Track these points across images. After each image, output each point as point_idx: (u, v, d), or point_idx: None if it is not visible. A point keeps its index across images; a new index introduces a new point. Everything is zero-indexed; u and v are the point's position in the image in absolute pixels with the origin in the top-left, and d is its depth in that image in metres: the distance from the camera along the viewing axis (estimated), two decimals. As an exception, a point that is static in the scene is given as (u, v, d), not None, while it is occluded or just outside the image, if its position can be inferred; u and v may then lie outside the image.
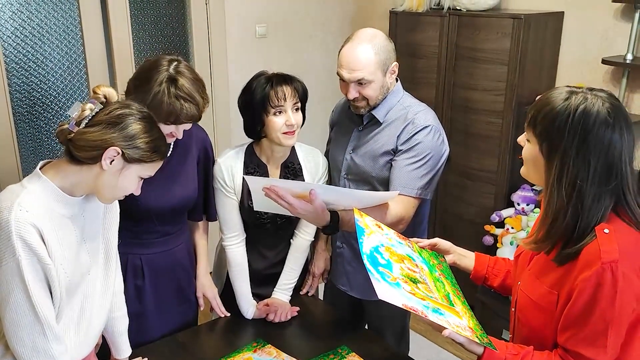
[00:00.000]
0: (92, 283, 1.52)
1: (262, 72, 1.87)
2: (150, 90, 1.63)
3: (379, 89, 1.87)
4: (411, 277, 1.41)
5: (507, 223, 3.04)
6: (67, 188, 1.39)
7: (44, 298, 1.35)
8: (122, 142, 1.35)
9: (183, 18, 3.42)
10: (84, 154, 1.35)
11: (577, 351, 1.25)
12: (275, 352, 1.81)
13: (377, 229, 1.54)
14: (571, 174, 1.21)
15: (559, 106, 1.22)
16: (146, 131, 1.39)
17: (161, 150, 1.44)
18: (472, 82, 3.13)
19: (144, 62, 1.75)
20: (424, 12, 3.28)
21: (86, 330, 1.52)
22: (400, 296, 1.31)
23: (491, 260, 1.64)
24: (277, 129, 1.81)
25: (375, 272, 1.34)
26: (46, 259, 1.33)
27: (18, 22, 2.87)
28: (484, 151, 3.16)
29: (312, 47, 3.94)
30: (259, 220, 1.95)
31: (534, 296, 1.34)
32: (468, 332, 1.33)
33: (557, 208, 1.23)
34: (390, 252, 1.46)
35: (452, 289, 1.51)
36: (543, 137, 1.24)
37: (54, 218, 1.37)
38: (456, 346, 3.08)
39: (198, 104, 1.68)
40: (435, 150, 1.86)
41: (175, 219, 1.90)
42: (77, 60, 3.10)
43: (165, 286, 1.93)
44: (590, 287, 1.19)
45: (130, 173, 1.40)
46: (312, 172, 1.99)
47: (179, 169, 1.87)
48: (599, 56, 2.89)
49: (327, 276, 2.23)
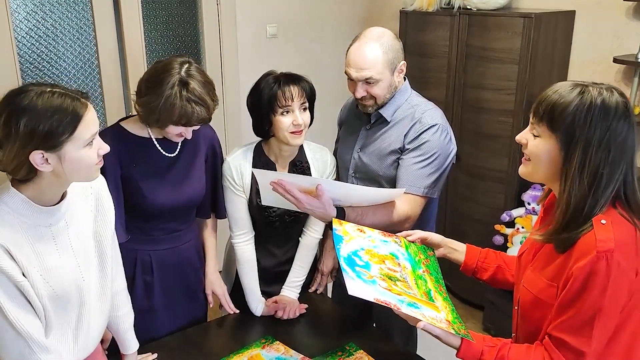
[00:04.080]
0: (87, 289, 1.47)
1: (270, 72, 1.89)
2: (162, 93, 1.65)
3: (387, 87, 1.87)
4: (390, 276, 1.42)
5: (517, 223, 3.03)
6: (38, 198, 1.33)
7: (21, 314, 1.32)
8: (31, 143, 1.23)
9: (194, 18, 3.45)
10: (17, 175, 1.28)
11: (562, 338, 1.25)
12: (284, 348, 1.83)
13: (358, 234, 1.56)
14: (593, 164, 1.23)
15: (577, 100, 1.24)
16: (41, 114, 1.24)
17: (73, 113, 1.26)
18: (483, 82, 3.12)
19: (155, 64, 1.76)
20: (434, 11, 3.28)
21: (85, 335, 1.50)
22: (372, 291, 1.33)
23: (482, 253, 1.65)
24: (284, 129, 1.83)
25: (350, 270, 1.36)
26: (17, 277, 1.29)
27: (32, 23, 2.92)
28: (495, 151, 3.15)
29: (322, 47, 3.95)
30: (268, 218, 1.96)
31: (535, 290, 1.35)
32: (444, 324, 1.33)
33: (579, 198, 1.25)
34: (370, 255, 1.48)
35: (434, 285, 1.52)
36: (562, 131, 1.26)
37: (29, 229, 1.32)
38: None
39: (209, 106, 1.71)
40: (442, 149, 1.87)
41: (183, 216, 1.92)
42: (90, 60, 3.14)
43: (174, 283, 1.95)
44: (584, 275, 1.21)
45: (70, 153, 1.28)
46: (320, 170, 2.00)
47: (187, 167, 1.89)
48: (610, 55, 2.87)
49: (335, 274, 2.24)
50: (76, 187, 1.46)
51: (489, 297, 3.04)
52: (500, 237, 3.10)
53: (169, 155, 1.84)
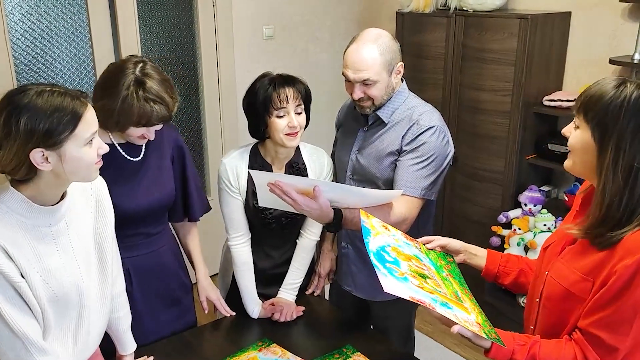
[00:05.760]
0: (87, 291, 1.46)
1: (266, 73, 1.88)
2: (118, 94, 1.61)
3: (384, 89, 1.87)
4: (419, 273, 1.41)
5: (514, 224, 3.03)
6: (37, 198, 1.32)
7: (18, 315, 1.31)
8: (32, 142, 1.23)
9: (190, 20, 3.44)
10: (17, 175, 1.28)
11: (598, 335, 1.25)
12: (281, 351, 1.82)
13: (383, 230, 1.54)
14: (627, 158, 1.23)
15: (613, 93, 1.24)
16: (41, 113, 1.24)
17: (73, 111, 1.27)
18: (479, 83, 3.12)
19: (109, 66, 1.72)
20: (431, 12, 3.28)
21: (85, 338, 1.49)
22: (407, 289, 1.30)
23: (503, 258, 1.64)
24: (279, 130, 1.82)
25: (382, 267, 1.34)
26: (15, 277, 1.29)
27: (27, 24, 2.90)
28: (491, 152, 3.15)
29: (319, 49, 3.95)
30: (265, 220, 1.95)
31: (566, 283, 1.34)
32: (476, 327, 1.33)
33: (614, 193, 1.24)
34: (397, 252, 1.46)
35: (460, 287, 1.51)
36: (596, 122, 1.26)
37: (28, 230, 1.32)
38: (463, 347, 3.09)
39: (168, 104, 1.67)
40: (440, 151, 1.86)
41: (156, 220, 1.89)
42: (86, 62, 3.12)
43: (155, 289, 1.91)
44: (629, 274, 1.20)
45: (70, 151, 1.28)
46: (317, 172, 2.00)
47: (155, 170, 1.85)
48: (606, 56, 2.87)
49: (332, 276, 2.24)
50: (76, 188, 1.45)
51: (487, 299, 3.04)
52: (497, 238, 3.10)
53: (134, 159, 1.80)
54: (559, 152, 2.96)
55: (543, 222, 2.91)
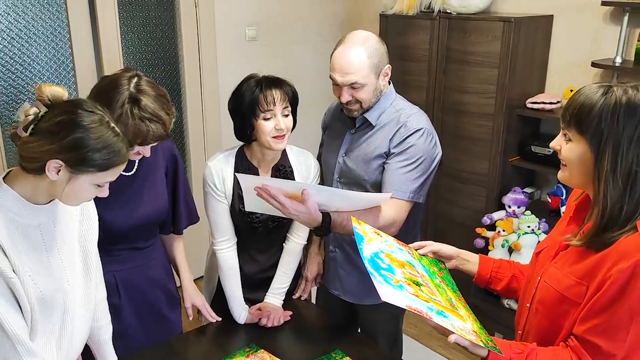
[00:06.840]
0: (72, 294, 1.45)
1: (252, 75, 1.85)
2: (112, 113, 1.52)
3: (372, 91, 1.86)
4: (414, 280, 1.39)
5: (498, 226, 3.04)
6: (29, 196, 1.32)
7: (10, 313, 1.30)
8: (63, 154, 1.24)
9: (172, 20, 3.40)
10: (28, 164, 1.28)
11: (595, 342, 1.25)
12: (268, 357, 1.79)
13: (376, 237, 1.53)
14: (625, 163, 1.23)
15: (602, 100, 1.24)
16: (92, 140, 1.25)
17: (114, 158, 1.29)
18: (463, 85, 3.14)
19: (102, 80, 1.65)
20: (415, 15, 3.29)
21: (69, 343, 1.47)
22: (403, 298, 1.29)
23: (495, 263, 1.63)
24: (266, 133, 1.80)
25: (377, 274, 1.33)
26: (8, 272, 1.28)
27: (5, 24, 2.84)
28: (475, 154, 3.16)
29: (302, 50, 3.93)
30: (251, 224, 1.93)
31: (560, 288, 1.33)
32: (472, 336, 1.32)
33: (614, 199, 1.24)
34: (390, 258, 1.45)
35: (453, 294, 1.50)
36: (591, 132, 1.25)
37: (19, 227, 1.32)
38: (449, 350, 3.10)
39: (164, 122, 1.60)
40: (428, 153, 1.86)
41: (147, 234, 1.85)
42: (65, 63, 3.06)
43: (145, 303, 1.87)
44: (624, 278, 1.20)
45: (81, 183, 1.30)
46: (304, 174, 1.98)
47: (147, 185, 1.80)
48: (588, 59, 2.90)
49: (320, 280, 2.22)
50: None
51: (473, 301, 3.04)
52: (481, 240, 3.10)
53: (126, 174, 1.74)
54: (542, 154, 2.98)
55: (527, 223, 2.92)
